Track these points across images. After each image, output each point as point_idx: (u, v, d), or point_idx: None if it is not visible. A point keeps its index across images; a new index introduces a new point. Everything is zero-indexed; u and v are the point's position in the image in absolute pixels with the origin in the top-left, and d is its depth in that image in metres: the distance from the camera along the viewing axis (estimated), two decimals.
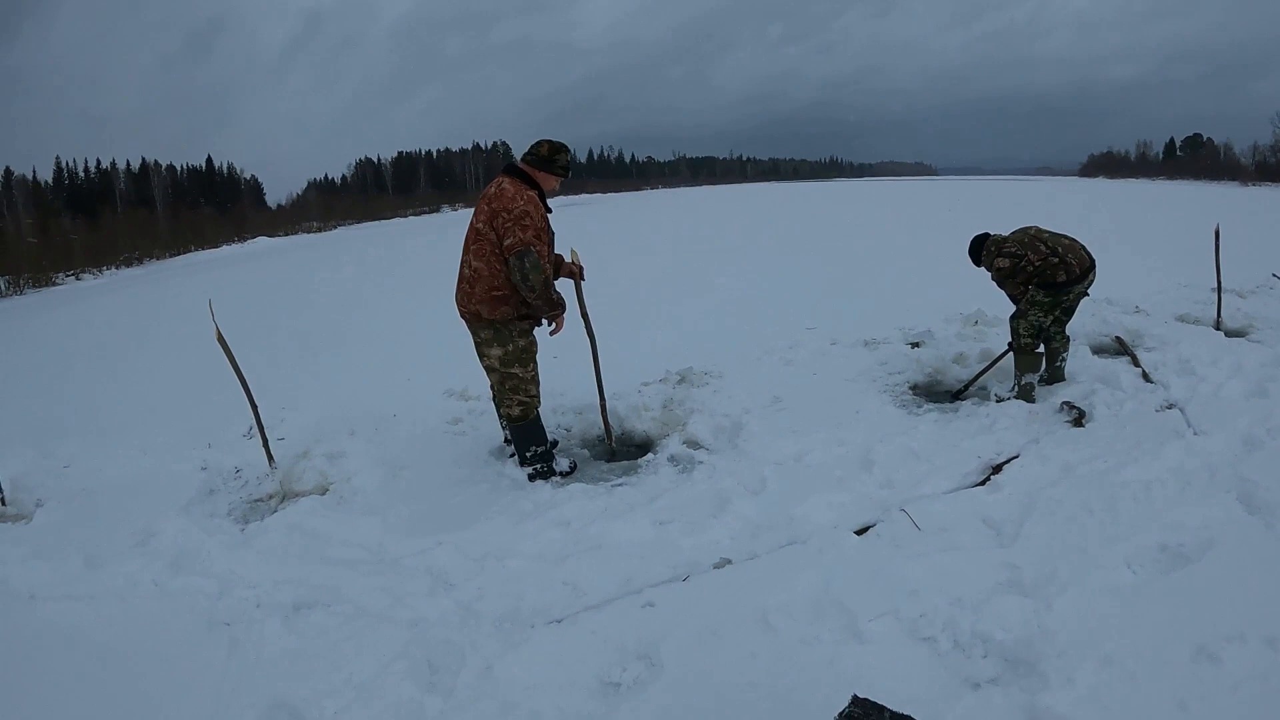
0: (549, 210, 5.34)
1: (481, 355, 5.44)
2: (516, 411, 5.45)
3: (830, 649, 3.37)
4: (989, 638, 3.36)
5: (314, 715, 3.16)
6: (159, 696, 3.32)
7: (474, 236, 5.22)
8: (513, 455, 5.68)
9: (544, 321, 5.44)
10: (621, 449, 6.01)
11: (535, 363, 5.49)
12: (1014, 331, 6.54)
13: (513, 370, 5.38)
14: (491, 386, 5.58)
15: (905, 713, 2.41)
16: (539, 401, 5.54)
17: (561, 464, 5.58)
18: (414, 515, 4.93)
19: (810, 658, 3.32)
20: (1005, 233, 6.78)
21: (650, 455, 5.74)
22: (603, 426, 6.00)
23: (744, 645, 3.41)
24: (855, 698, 2.45)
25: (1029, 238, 6.50)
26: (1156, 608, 3.55)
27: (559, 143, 5.40)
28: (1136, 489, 4.68)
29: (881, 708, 2.39)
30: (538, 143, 5.38)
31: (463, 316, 5.42)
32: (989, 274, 6.72)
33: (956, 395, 6.91)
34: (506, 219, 5.02)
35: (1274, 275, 12.02)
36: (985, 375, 6.92)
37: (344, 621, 3.79)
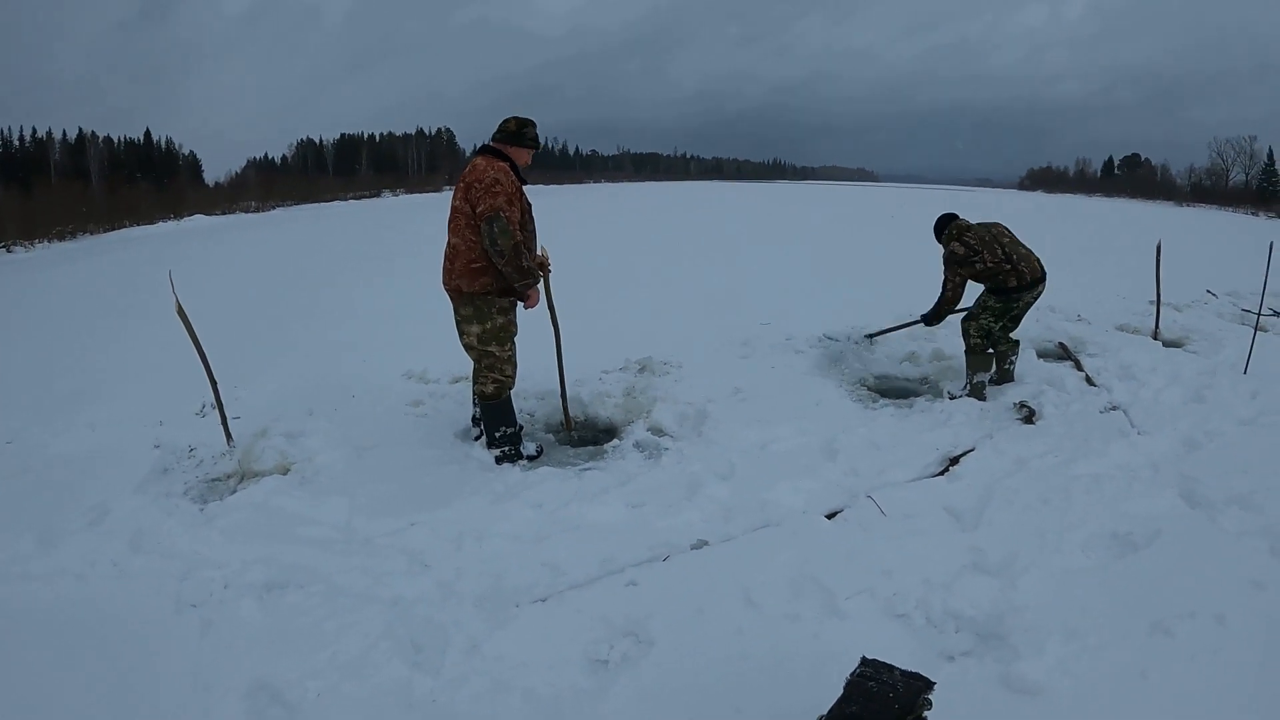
0: (524, 182, 5.41)
1: (462, 334, 5.46)
2: (490, 389, 5.46)
3: (813, 625, 3.50)
4: (960, 614, 3.55)
5: (297, 696, 3.14)
6: (135, 680, 3.27)
7: (453, 214, 5.29)
8: (479, 437, 5.72)
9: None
10: (585, 434, 6.07)
11: (513, 344, 5.50)
12: (965, 333, 6.76)
13: (489, 348, 5.40)
14: (470, 355, 5.53)
15: (914, 670, 2.51)
16: (513, 383, 5.55)
17: (529, 448, 5.62)
18: (383, 496, 4.87)
19: (794, 633, 3.44)
20: (973, 221, 6.98)
21: (616, 441, 5.81)
22: (563, 412, 6.06)
23: (729, 622, 3.51)
24: (864, 658, 2.54)
25: (990, 236, 6.68)
26: (1113, 588, 3.79)
27: (525, 117, 5.47)
28: (1087, 482, 4.95)
29: (891, 666, 2.49)
30: (505, 120, 5.44)
31: (447, 294, 5.44)
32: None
33: (870, 336, 7.46)
34: (478, 189, 5.09)
35: (1208, 291, 12.49)
36: (935, 371, 7.16)
37: (322, 601, 3.76)
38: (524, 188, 5.37)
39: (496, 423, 5.52)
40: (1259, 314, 9.12)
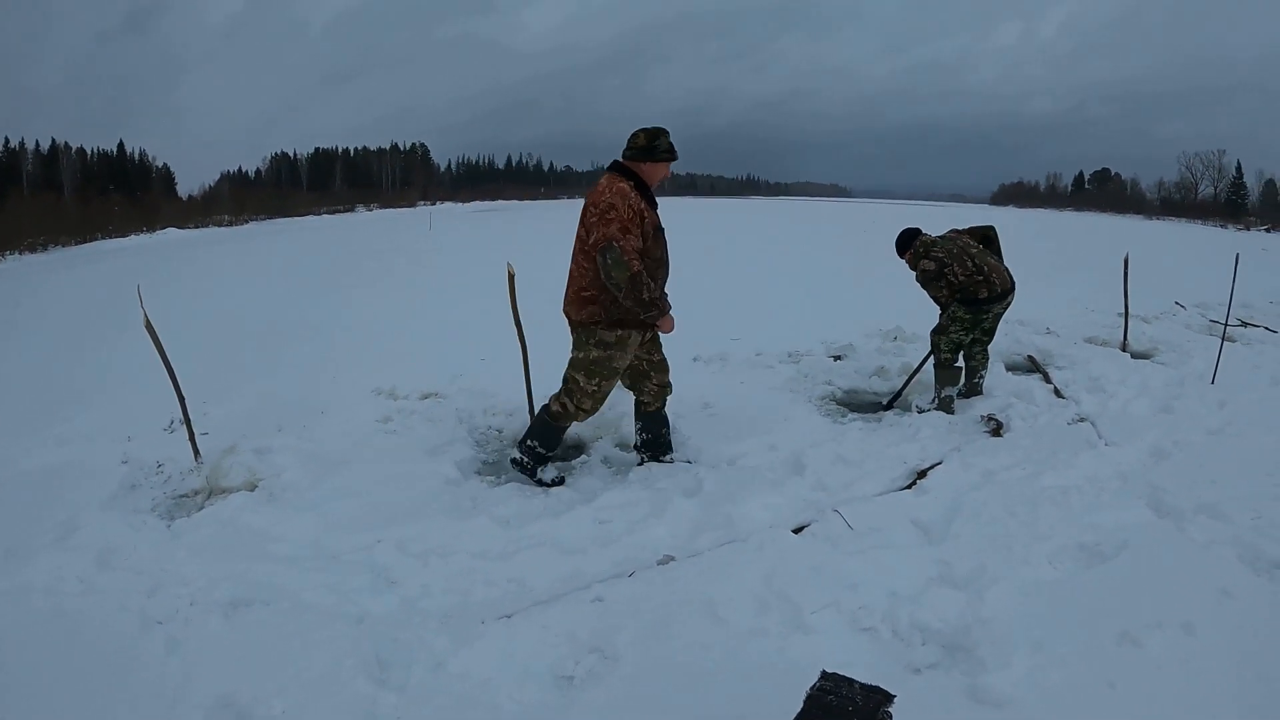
0: (654, 204, 5.19)
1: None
2: (555, 408, 5.35)
3: (779, 639, 3.49)
4: (926, 627, 3.54)
5: (262, 713, 3.09)
6: (100, 697, 3.22)
7: (577, 239, 5.10)
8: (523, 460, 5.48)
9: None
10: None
11: (607, 382, 5.33)
12: (935, 346, 6.79)
13: (576, 375, 5.27)
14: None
15: (874, 683, 2.50)
16: (581, 419, 5.45)
17: (548, 473, 5.43)
18: (350, 512, 4.82)
19: (760, 647, 3.43)
20: (934, 234, 7.01)
21: (584, 456, 5.80)
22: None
23: (695, 637, 3.50)
24: (824, 672, 2.53)
25: (958, 249, 6.69)
26: (1081, 599, 3.80)
27: (654, 128, 5.18)
28: (1054, 493, 4.99)
29: (851, 680, 2.48)
30: (634, 134, 5.17)
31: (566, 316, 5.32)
32: (913, 272, 6.89)
33: (887, 405, 7.11)
34: (592, 214, 4.90)
35: (1177, 303, 12.65)
36: (909, 386, 7.15)
37: (287, 618, 3.72)
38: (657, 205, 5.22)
39: (538, 436, 5.39)
40: (1226, 325, 9.26)
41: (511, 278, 5.72)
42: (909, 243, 6.90)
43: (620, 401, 6.47)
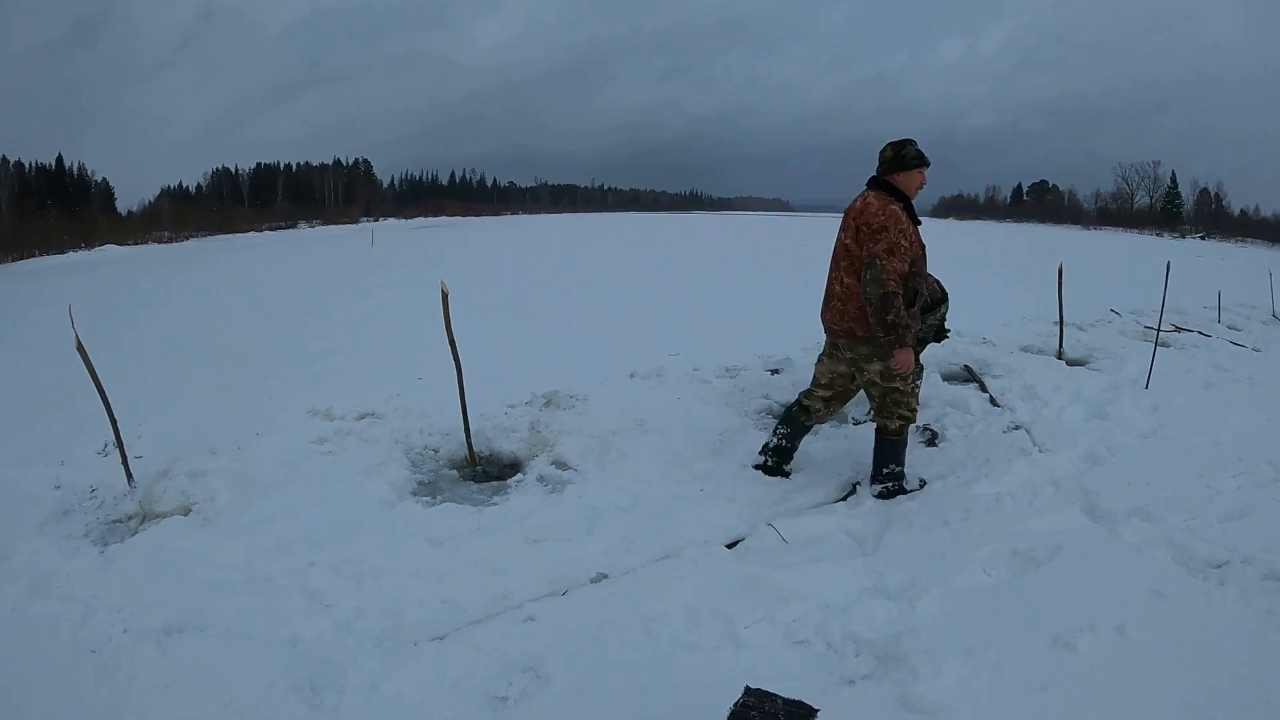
0: (918, 222, 5.27)
1: (861, 371, 5.32)
2: (894, 425, 5.32)
3: (711, 654, 3.50)
4: (859, 638, 3.57)
5: None
6: None
7: (844, 252, 5.18)
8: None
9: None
10: (490, 469, 6.00)
11: (917, 378, 5.40)
12: None
13: (894, 385, 5.24)
14: (871, 401, 5.39)
15: (796, 698, 2.51)
16: (915, 419, 5.44)
17: (912, 481, 5.46)
18: (284, 535, 4.74)
19: (693, 663, 3.44)
20: None
21: (519, 475, 5.73)
22: (466, 448, 6.00)
23: (628, 654, 3.50)
24: (748, 688, 2.55)
25: None
26: (1013, 605, 3.85)
27: (900, 140, 5.24)
28: (988, 501, 5.04)
29: (774, 695, 2.49)
30: (881, 149, 5.26)
31: (833, 334, 5.37)
32: None
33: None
34: (866, 233, 4.98)
35: (1112, 310, 12.89)
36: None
37: (220, 644, 3.66)
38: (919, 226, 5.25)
39: (889, 459, 5.38)
40: (1159, 330, 9.40)
41: (445, 297, 5.68)
42: None
43: (558, 420, 6.46)
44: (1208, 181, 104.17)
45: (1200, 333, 11.91)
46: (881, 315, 4.88)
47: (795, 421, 5.68)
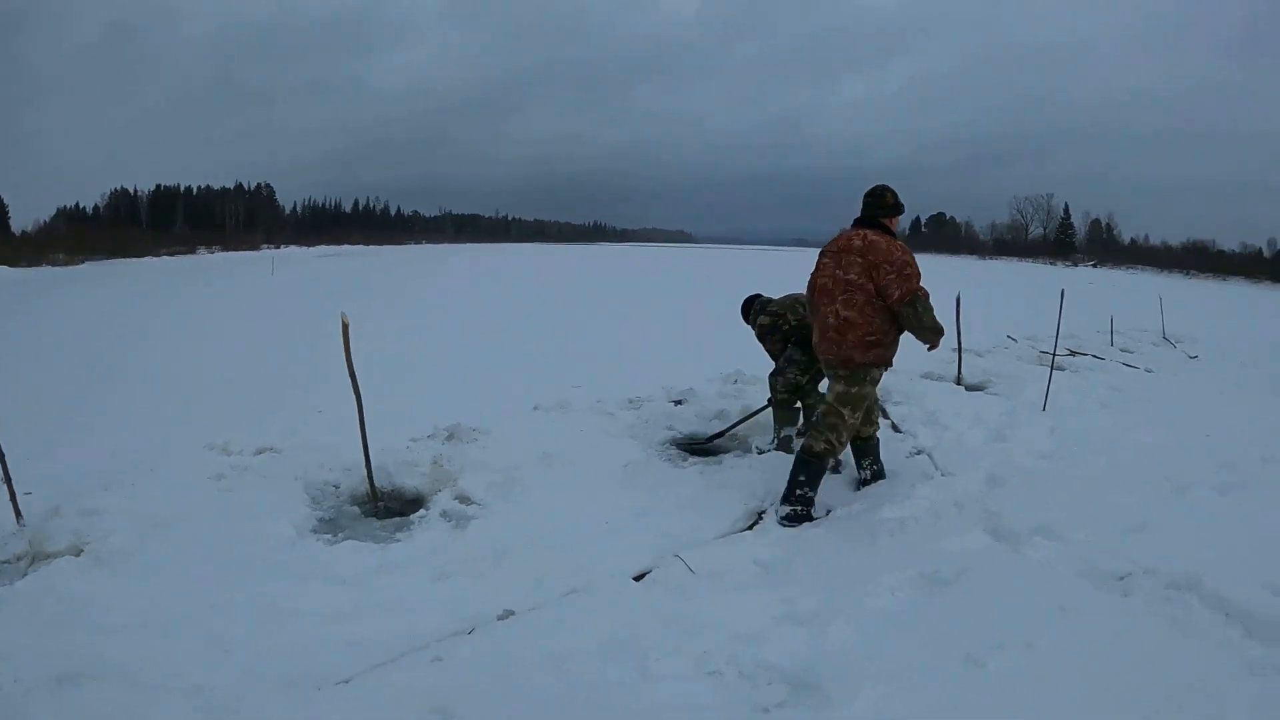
0: None
1: (836, 382, 5.60)
2: (820, 447, 5.48)
3: (624, 689, 3.45)
4: (772, 666, 3.55)
5: None
6: None
7: (842, 286, 5.44)
8: None
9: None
10: (392, 505, 5.86)
11: (860, 415, 5.63)
12: (772, 388, 6.96)
13: (842, 410, 5.51)
14: (809, 417, 5.83)
15: None
16: (839, 453, 5.70)
17: (819, 510, 5.58)
18: (182, 576, 4.53)
19: (606, 698, 3.39)
20: (776, 296, 7.25)
21: (423, 511, 5.60)
22: (368, 483, 5.87)
23: (538, 692, 3.43)
24: None
25: (791, 300, 6.98)
26: (923, 626, 3.90)
27: (888, 187, 5.73)
28: (893, 525, 5.11)
29: None
30: (882, 191, 5.70)
31: (829, 364, 5.64)
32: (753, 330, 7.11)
33: (710, 439, 7.25)
34: (889, 270, 5.31)
35: (1009, 336, 13.23)
36: (743, 426, 7.25)
37: (118, 694, 3.46)
38: None
39: (804, 482, 5.48)
40: (1055, 355, 9.67)
41: (346, 328, 5.57)
42: (750, 306, 7.28)
43: (461, 454, 6.36)
44: (1099, 212, 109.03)
45: (1094, 356, 12.33)
46: (941, 333, 5.51)
47: (865, 451, 6.03)
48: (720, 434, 7.25)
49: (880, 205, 5.65)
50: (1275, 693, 3.45)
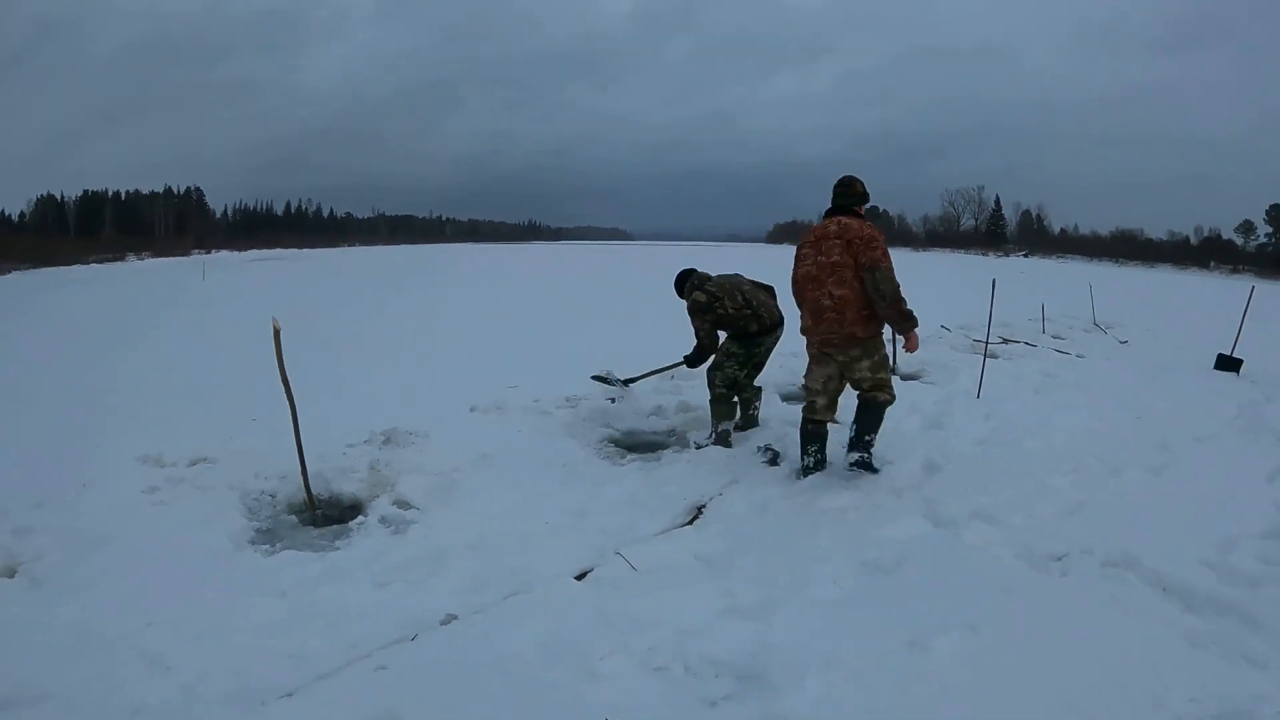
0: None
1: (851, 370, 5.95)
2: (890, 397, 6.03)
3: (570, 689, 3.44)
4: (717, 659, 3.57)
5: None
6: None
7: (830, 270, 5.79)
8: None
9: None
10: (330, 513, 5.78)
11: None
12: (710, 383, 6.96)
13: (881, 375, 5.97)
14: (862, 387, 6.02)
15: None
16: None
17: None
18: (118, 594, 4.43)
19: (552, 699, 3.38)
20: (713, 274, 7.24)
21: (361, 518, 5.53)
22: (305, 491, 5.78)
23: (484, 696, 3.41)
24: None
25: (731, 285, 6.96)
26: (867, 614, 3.95)
27: (858, 179, 6.16)
28: (833, 515, 5.19)
29: None
30: (852, 182, 6.13)
31: (829, 343, 5.92)
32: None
33: (627, 382, 7.59)
34: (860, 244, 5.68)
35: (943, 326, 13.40)
36: (680, 421, 7.41)
37: (57, 717, 3.40)
38: None
39: (874, 428, 6.03)
40: (988, 343, 9.81)
41: (277, 333, 5.48)
42: (686, 280, 7.19)
43: (399, 458, 6.30)
44: (1030, 203, 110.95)
45: (1027, 343, 12.56)
46: (899, 307, 5.72)
47: (817, 436, 6.07)
48: (633, 380, 7.58)
49: (850, 194, 6.05)
50: (1216, 663, 3.55)
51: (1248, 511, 5.24)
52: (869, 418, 6.02)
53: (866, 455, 5.99)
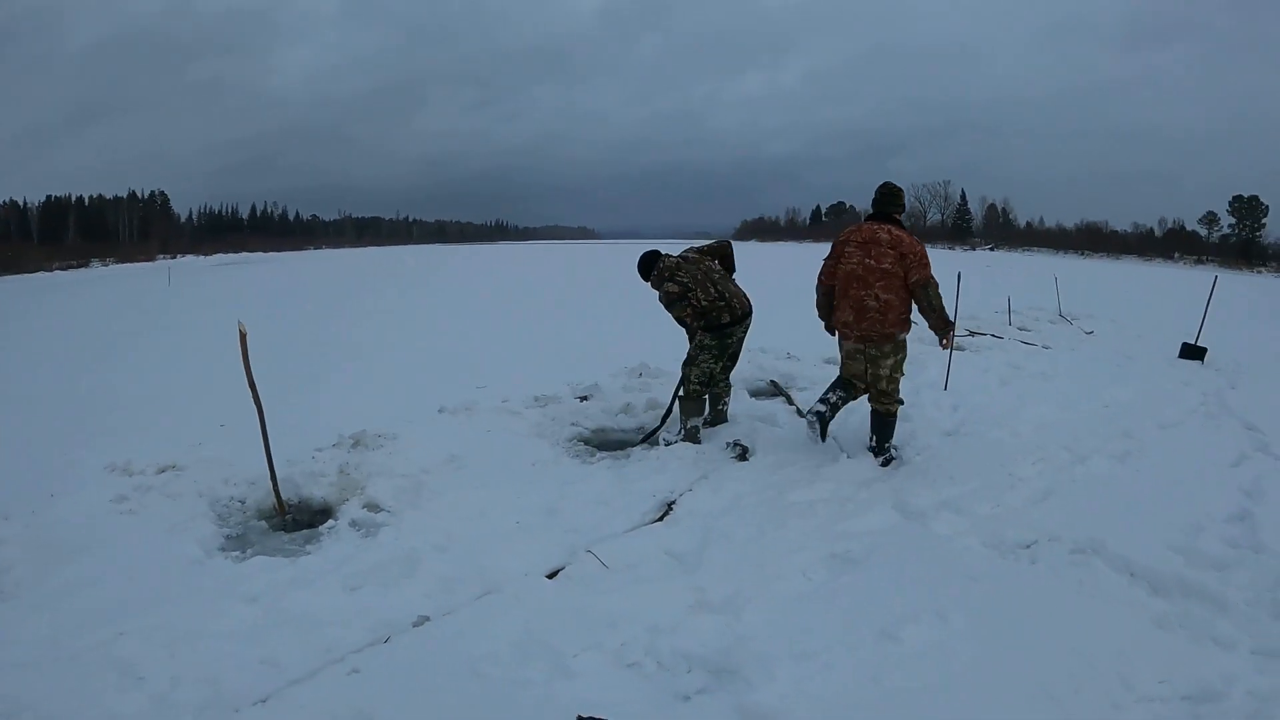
0: None
1: (877, 366, 6.39)
2: (894, 407, 6.47)
3: (543, 688, 3.46)
4: (689, 654, 3.60)
5: None
6: None
7: (879, 274, 6.24)
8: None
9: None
10: (300, 517, 5.74)
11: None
12: (685, 379, 6.91)
13: (897, 375, 6.45)
14: (876, 386, 6.44)
15: None
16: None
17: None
18: (89, 605, 4.39)
19: (526, 698, 3.39)
20: (674, 254, 7.22)
21: (331, 522, 5.51)
22: (274, 496, 5.76)
23: (458, 697, 3.41)
24: (580, 717, 2.50)
25: (701, 274, 6.90)
26: (837, 605, 4.00)
27: (898, 185, 6.62)
28: (802, 508, 5.25)
29: None
30: (895, 190, 6.59)
31: (867, 339, 6.37)
32: (655, 292, 7.07)
33: (646, 439, 7.18)
34: (913, 259, 6.18)
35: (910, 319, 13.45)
36: (649, 418, 7.31)
37: None
38: None
39: (889, 435, 6.45)
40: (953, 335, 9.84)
41: (244, 337, 5.45)
42: (651, 265, 7.11)
43: (368, 461, 6.28)
44: (995, 197, 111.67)
45: (993, 335, 12.65)
46: (943, 315, 6.29)
47: (851, 386, 6.60)
48: (648, 436, 7.20)
49: (896, 202, 6.51)
50: (1184, 645, 3.62)
51: (1213, 496, 5.36)
52: (883, 428, 6.42)
53: (889, 455, 6.31)
